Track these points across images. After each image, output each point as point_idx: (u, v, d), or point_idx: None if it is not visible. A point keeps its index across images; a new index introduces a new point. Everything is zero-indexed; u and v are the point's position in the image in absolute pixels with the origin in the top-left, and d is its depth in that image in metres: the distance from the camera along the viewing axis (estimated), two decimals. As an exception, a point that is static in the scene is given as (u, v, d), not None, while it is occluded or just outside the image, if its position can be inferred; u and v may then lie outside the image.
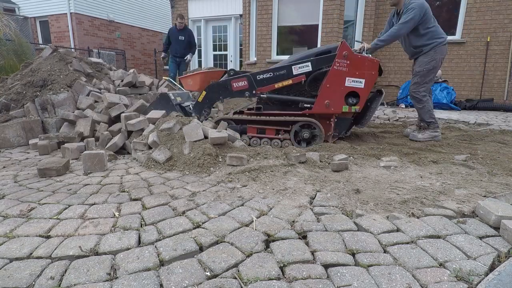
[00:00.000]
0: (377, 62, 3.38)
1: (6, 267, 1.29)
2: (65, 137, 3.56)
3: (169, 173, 2.56)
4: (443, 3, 7.58)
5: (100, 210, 1.83)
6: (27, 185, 2.29)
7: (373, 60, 3.36)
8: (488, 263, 1.28)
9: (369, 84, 3.37)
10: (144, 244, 1.46)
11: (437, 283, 1.18)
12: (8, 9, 12.99)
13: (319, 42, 7.53)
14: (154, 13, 16.02)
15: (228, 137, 3.08)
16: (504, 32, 7.14)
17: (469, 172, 2.54)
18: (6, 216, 1.76)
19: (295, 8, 7.79)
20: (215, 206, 1.88)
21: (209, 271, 1.25)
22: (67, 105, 4.11)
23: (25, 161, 3.06)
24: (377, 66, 3.36)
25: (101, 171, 2.64)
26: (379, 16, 7.89)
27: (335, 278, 1.20)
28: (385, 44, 3.77)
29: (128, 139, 3.39)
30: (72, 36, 12.72)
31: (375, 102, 3.71)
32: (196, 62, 11.13)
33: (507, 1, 7.01)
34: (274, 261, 1.31)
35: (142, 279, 1.20)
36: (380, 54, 7.88)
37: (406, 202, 1.89)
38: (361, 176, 2.44)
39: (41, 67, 4.43)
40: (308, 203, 1.92)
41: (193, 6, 10.71)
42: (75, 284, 1.18)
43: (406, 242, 1.45)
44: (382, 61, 7.90)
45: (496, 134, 4.30)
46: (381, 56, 7.92)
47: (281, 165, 2.61)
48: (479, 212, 1.68)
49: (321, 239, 1.48)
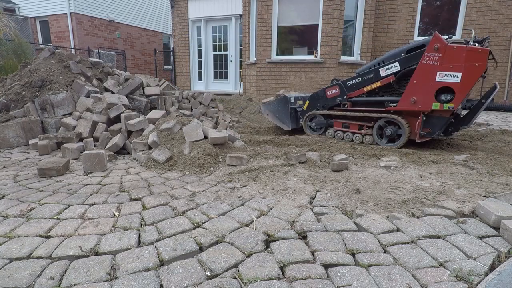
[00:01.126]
0: (485, 51, 2.93)
1: (6, 267, 1.29)
2: (64, 137, 3.55)
3: (169, 173, 2.56)
4: (443, 3, 7.58)
5: (100, 210, 1.83)
6: (27, 185, 2.29)
7: (477, 50, 2.93)
8: (488, 263, 1.28)
9: (469, 78, 2.98)
10: (144, 244, 1.45)
11: (437, 283, 1.17)
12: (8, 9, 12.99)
13: (319, 42, 7.53)
14: (154, 13, 16.02)
15: (228, 137, 3.08)
16: (504, 32, 7.14)
17: (469, 172, 2.54)
18: (6, 216, 1.76)
19: (295, 8, 7.78)
20: (215, 206, 1.88)
21: (209, 271, 1.25)
22: (66, 105, 4.11)
23: (25, 161, 3.06)
24: (484, 56, 2.92)
25: (101, 171, 2.64)
26: (379, 16, 7.89)
27: (335, 278, 1.20)
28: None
29: (128, 139, 3.39)
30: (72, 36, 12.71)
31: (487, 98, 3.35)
32: (196, 62, 11.13)
33: (507, 1, 7.01)
34: (274, 261, 1.31)
35: (142, 279, 1.20)
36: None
37: (406, 202, 1.89)
38: (361, 176, 2.44)
39: (40, 68, 4.43)
40: (308, 203, 1.92)
41: (193, 6, 10.71)
42: (75, 284, 1.18)
43: (406, 242, 1.45)
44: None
45: (496, 134, 4.30)
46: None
47: (281, 165, 2.61)
48: (479, 212, 1.68)
49: (321, 239, 1.48)
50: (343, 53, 7.72)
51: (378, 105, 3.68)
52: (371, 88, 3.65)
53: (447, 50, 3.00)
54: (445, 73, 3.04)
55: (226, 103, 7.28)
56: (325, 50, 7.48)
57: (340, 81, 3.97)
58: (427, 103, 3.19)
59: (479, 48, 2.93)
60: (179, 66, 11.35)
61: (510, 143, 3.72)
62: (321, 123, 4.12)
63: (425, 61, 3.13)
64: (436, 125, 3.29)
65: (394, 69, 3.44)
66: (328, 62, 7.47)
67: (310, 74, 7.66)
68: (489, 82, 7.46)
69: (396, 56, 3.51)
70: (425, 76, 3.14)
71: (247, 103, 7.39)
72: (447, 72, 3.04)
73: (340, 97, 3.94)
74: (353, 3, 7.64)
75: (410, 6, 7.73)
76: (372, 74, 3.61)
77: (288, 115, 4.51)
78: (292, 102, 4.50)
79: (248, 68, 8.88)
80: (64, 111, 4.11)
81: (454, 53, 2.98)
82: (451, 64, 3.00)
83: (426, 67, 3.12)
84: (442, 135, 3.45)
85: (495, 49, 7.26)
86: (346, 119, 3.87)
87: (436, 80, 3.10)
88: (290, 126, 4.55)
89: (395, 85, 3.55)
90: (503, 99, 7.37)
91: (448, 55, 3.01)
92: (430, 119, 3.30)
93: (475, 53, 2.91)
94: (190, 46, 11.02)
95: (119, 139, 3.29)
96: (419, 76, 3.18)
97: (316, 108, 4.20)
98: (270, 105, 4.76)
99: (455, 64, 2.99)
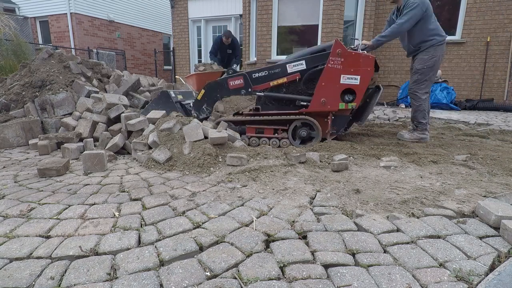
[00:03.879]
0: (373, 58, 3.37)
1: (6, 267, 1.29)
2: (64, 137, 3.56)
3: (169, 173, 2.56)
4: (443, 3, 7.58)
5: (100, 210, 1.83)
6: (27, 185, 2.29)
7: (368, 57, 3.36)
8: (488, 263, 1.28)
9: (365, 81, 3.37)
10: (144, 244, 1.45)
11: (437, 283, 1.17)
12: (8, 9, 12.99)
13: (319, 42, 7.52)
14: (154, 13, 16.02)
15: (228, 137, 3.08)
16: (504, 32, 7.14)
17: (469, 172, 2.54)
18: (6, 216, 1.76)
19: (295, 8, 7.79)
20: (215, 206, 1.88)
21: (209, 271, 1.25)
22: (66, 105, 4.11)
23: (25, 161, 3.06)
24: (372, 62, 3.37)
25: (101, 171, 2.64)
26: (379, 16, 7.89)
27: (335, 278, 1.20)
28: (386, 40, 3.78)
29: (128, 139, 3.40)
30: (72, 36, 12.72)
31: (373, 98, 3.73)
32: (196, 62, 11.13)
33: (507, 1, 7.01)
34: (274, 261, 1.31)
35: (142, 279, 1.20)
36: (380, 54, 7.89)
37: (406, 202, 1.89)
38: (361, 176, 2.44)
39: (40, 68, 4.43)
40: (308, 203, 1.92)
41: (193, 6, 10.71)
42: (75, 284, 1.18)
43: (406, 242, 1.45)
44: (382, 61, 7.90)
45: (496, 134, 4.30)
46: (381, 56, 7.92)
47: (281, 165, 2.61)
48: (479, 212, 1.68)
49: (321, 239, 1.48)
50: (343, 53, 7.71)
51: (289, 103, 3.69)
52: (277, 83, 3.61)
53: (348, 56, 3.33)
54: (347, 76, 3.37)
55: (227, 102, 7.28)
56: (325, 50, 7.47)
57: (245, 72, 3.77)
58: (334, 104, 3.46)
59: (369, 55, 3.37)
60: (179, 66, 11.35)
61: (510, 143, 3.72)
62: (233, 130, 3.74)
63: (330, 65, 3.37)
64: (340, 124, 3.63)
65: (301, 67, 3.53)
66: (328, 62, 7.46)
67: (310, 74, 7.65)
68: (488, 81, 7.46)
69: (304, 55, 3.61)
70: (332, 78, 3.39)
71: (247, 103, 7.39)
72: (349, 75, 3.37)
73: (245, 90, 3.70)
74: (353, 3, 7.64)
75: (410, 6, 7.71)
76: (279, 69, 3.59)
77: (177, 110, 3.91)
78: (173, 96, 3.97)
79: (249, 68, 8.88)
80: (64, 111, 4.11)
81: (354, 58, 3.34)
82: (352, 68, 3.35)
83: (332, 70, 3.38)
84: (343, 131, 3.82)
85: (495, 49, 7.26)
86: (259, 124, 3.67)
87: (340, 82, 3.39)
88: None
89: (303, 86, 3.59)
90: (503, 99, 7.37)
91: (348, 60, 3.34)
92: (336, 119, 3.61)
93: (367, 59, 3.34)
94: (190, 46, 11.03)
95: (119, 139, 3.29)
96: (327, 78, 3.40)
97: (214, 99, 3.86)
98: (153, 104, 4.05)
99: (355, 68, 3.35)
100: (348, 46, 3.66)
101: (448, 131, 4.59)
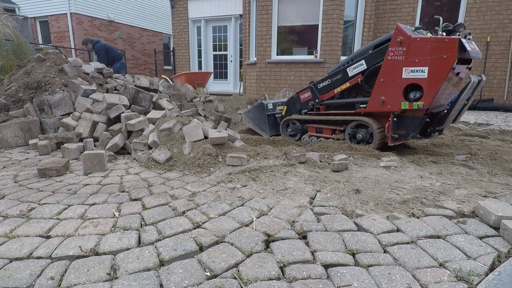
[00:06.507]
0: (453, 41, 2.60)
1: (6, 267, 1.28)
2: (64, 137, 3.55)
3: (169, 173, 2.56)
4: (443, 3, 7.58)
5: (100, 210, 1.83)
6: (27, 185, 2.29)
7: (443, 40, 2.62)
8: (488, 263, 1.28)
9: (438, 73, 2.68)
10: (144, 244, 1.45)
11: (437, 283, 1.17)
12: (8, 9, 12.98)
13: (319, 42, 7.53)
14: (154, 13, 16.01)
15: (228, 137, 3.08)
16: (504, 32, 7.14)
17: (469, 172, 2.54)
18: (6, 216, 1.76)
19: (295, 8, 7.79)
20: (215, 206, 1.88)
21: (209, 271, 1.25)
22: (63, 105, 4.10)
23: (25, 161, 3.06)
24: (452, 46, 2.59)
25: (101, 171, 2.64)
26: (379, 16, 7.90)
27: (335, 278, 1.20)
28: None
29: (128, 139, 3.39)
30: (72, 36, 12.71)
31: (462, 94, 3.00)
32: (196, 62, 11.13)
33: (507, 1, 7.01)
34: (274, 261, 1.31)
35: (142, 279, 1.20)
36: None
37: (406, 202, 1.89)
38: (361, 176, 2.44)
39: (36, 69, 4.42)
40: (308, 203, 1.92)
41: (193, 6, 10.71)
42: (75, 284, 1.18)
43: (406, 242, 1.45)
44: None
45: (496, 134, 4.30)
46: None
47: (281, 165, 2.61)
48: (479, 212, 1.68)
49: (321, 239, 1.48)
50: (343, 53, 7.72)
51: (350, 107, 3.46)
52: (340, 89, 3.44)
53: (411, 43, 2.74)
54: (411, 69, 2.78)
55: (226, 103, 7.28)
56: (325, 50, 7.49)
57: (312, 84, 3.73)
58: (396, 103, 2.94)
59: (445, 38, 2.64)
60: (179, 66, 11.35)
61: (510, 143, 3.72)
62: (297, 128, 3.92)
63: (389, 57, 2.87)
64: (410, 126, 2.99)
65: (361, 68, 3.21)
66: (328, 62, 7.47)
67: (310, 74, 7.66)
68: (488, 81, 7.45)
69: (364, 53, 3.28)
70: (391, 73, 2.89)
71: (247, 103, 7.39)
72: (413, 68, 2.77)
73: (313, 101, 3.70)
74: (353, 3, 7.65)
75: (410, 6, 7.73)
76: (341, 75, 3.40)
77: (266, 122, 4.32)
78: (270, 108, 4.31)
79: (248, 68, 8.88)
80: (61, 111, 4.10)
81: (418, 46, 2.71)
82: (416, 58, 2.74)
83: (391, 63, 2.86)
84: (419, 136, 3.17)
85: (495, 49, 7.26)
86: (319, 123, 3.70)
87: (402, 76, 2.84)
88: (269, 134, 4.34)
89: (364, 85, 3.32)
90: (503, 99, 7.37)
91: (412, 48, 2.74)
92: (403, 120, 3.01)
93: (441, 44, 2.62)
94: (190, 46, 11.02)
95: (119, 139, 3.29)
96: (385, 73, 2.93)
97: (293, 113, 3.98)
98: (250, 112, 4.61)
99: (420, 58, 2.72)
100: (422, 31, 2.95)
101: (448, 131, 4.59)
